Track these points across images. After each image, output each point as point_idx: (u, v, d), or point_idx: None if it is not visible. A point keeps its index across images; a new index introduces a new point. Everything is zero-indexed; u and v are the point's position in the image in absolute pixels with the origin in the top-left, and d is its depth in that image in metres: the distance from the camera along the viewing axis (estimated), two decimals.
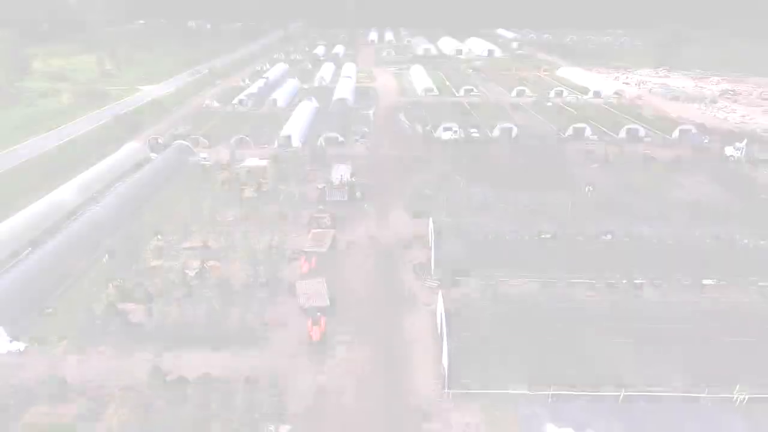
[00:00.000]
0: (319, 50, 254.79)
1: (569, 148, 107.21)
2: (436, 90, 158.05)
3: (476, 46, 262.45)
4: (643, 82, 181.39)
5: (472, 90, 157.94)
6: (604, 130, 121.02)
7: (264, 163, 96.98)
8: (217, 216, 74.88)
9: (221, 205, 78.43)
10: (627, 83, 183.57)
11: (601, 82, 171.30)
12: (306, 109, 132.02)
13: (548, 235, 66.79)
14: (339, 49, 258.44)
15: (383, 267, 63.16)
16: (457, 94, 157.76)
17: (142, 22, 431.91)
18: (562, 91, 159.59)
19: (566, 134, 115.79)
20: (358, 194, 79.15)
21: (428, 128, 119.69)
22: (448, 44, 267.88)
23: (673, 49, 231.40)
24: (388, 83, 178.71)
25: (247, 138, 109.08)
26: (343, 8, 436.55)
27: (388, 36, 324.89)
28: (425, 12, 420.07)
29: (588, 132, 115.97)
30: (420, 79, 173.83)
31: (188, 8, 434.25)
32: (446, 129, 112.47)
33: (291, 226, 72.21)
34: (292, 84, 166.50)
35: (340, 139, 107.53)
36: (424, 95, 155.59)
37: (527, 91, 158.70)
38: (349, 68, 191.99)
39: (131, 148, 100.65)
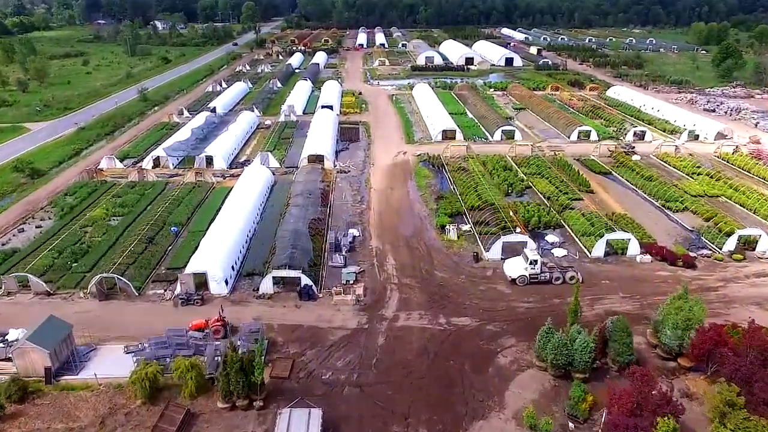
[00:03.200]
0: (295, 59, 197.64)
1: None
2: (459, 132, 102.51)
3: (488, 53, 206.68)
4: (736, 110, 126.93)
5: (512, 131, 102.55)
6: None
7: (128, 374, 41.13)
8: None
9: None
10: (710, 110, 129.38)
11: (688, 115, 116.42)
12: (255, 183, 76.11)
13: None
14: (320, 57, 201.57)
15: None
16: (491, 139, 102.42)
17: (102, 22, 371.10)
18: (643, 133, 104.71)
19: (724, 249, 60.90)
20: None
21: (467, 230, 64.80)
22: (453, 50, 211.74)
23: (738, 59, 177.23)
24: (385, 116, 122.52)
25: (121, 280, 53.18)
26: (327, 6, 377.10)
27: (380, 38, 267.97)
28: (419, 9, 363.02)
29: (765, 243, 61.17)
30: (431, 109, 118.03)
31: (154, 7, 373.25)
32: (510, 250, 57.45)
33: None
34: (245, 120, 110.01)
35: (306, 282, 51.81)
36: (442, 142, 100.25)
37: (593, 132, 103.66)
38: (330, 90, 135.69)
39: None
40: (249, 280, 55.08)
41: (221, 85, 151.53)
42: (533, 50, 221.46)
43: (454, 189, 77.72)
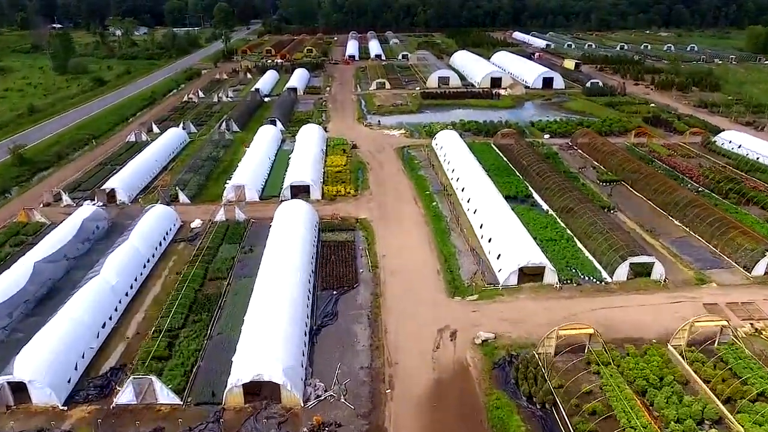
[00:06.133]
0: (266, 81, 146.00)
1: None
2: (552, 272, 52.31)
3: (517, 69, 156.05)
4: None
5: (650, 264, 52.80)
6: None
7: None
8: None
9: None
10: None
11: None
12: None
13: None
14: (298, 76, 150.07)
15: None
16: (610, 279, 52.55)
17: (57, 26, 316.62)
18: None
19: None
20: None
21: None
22: (471, 66, 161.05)
23: None
24: (398, 202, 71.67)
25: None
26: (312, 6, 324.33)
27: (374, 46, 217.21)
28: (417, 10, 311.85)
29: None
30: (479, 196, 67.87)
31: (113, 10, 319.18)
32: None
33: None
34: (153, 225, 59.05)
35: None
36: (519, 287, 50.83)
37: None
38: (307, 147, 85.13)
39: None
40: None
41: (150, 131, 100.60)
42: (568, 64, 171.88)
43: None
